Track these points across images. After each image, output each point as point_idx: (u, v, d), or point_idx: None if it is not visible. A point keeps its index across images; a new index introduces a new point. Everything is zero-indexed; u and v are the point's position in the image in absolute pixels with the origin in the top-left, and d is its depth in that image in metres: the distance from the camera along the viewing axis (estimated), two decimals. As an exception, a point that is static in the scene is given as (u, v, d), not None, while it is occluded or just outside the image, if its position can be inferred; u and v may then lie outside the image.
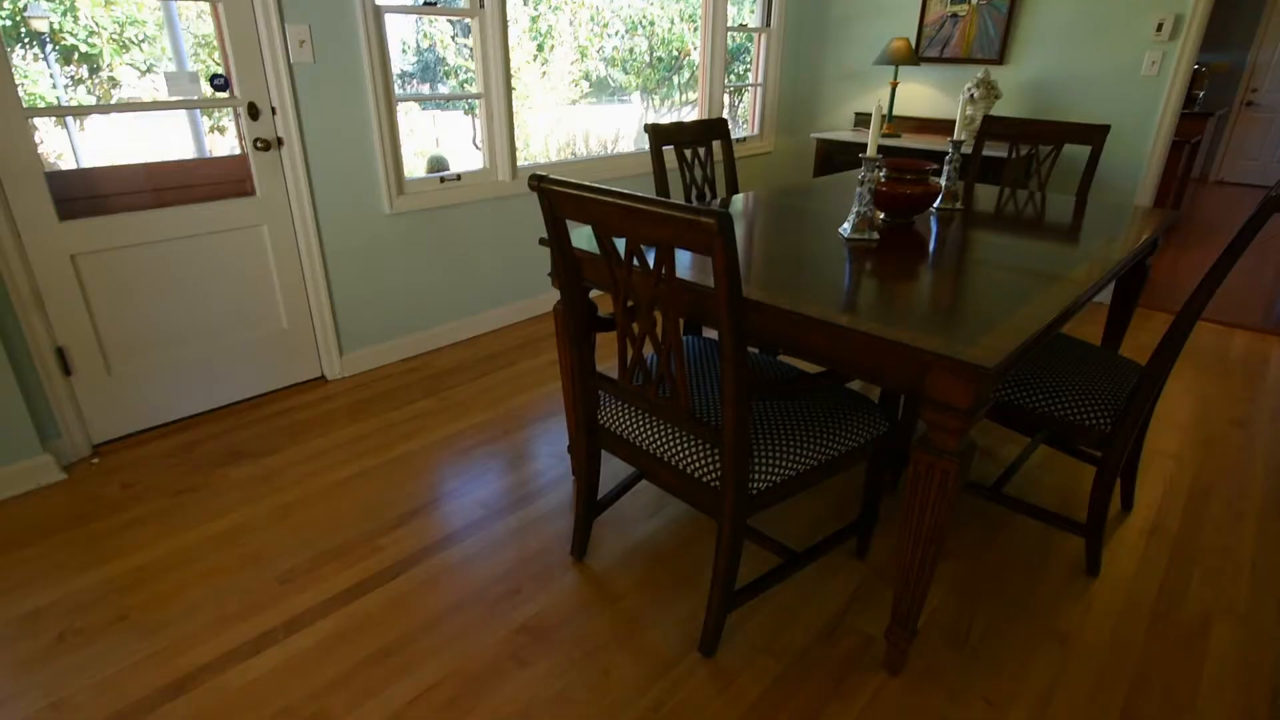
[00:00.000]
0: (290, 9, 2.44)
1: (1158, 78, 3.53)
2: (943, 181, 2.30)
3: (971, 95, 3.73)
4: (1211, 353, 3.36)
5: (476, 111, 3.20)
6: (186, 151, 3.41)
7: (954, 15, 4.04)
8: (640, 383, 1.48)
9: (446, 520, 2.06)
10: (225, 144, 4.19)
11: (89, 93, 5.04)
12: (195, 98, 2.65)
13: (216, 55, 2.58)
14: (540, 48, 8.10)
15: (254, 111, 2.49)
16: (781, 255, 1.78)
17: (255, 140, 2.51)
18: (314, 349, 2.87)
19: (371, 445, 2.44)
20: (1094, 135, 2.68)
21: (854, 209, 1.87)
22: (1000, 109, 3.99)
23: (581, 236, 1.78)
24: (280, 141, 2.56)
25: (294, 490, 2.19)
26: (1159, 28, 3.46)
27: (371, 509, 2.10)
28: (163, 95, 2.40)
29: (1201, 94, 6.63)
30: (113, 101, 3.83)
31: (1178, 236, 5.57)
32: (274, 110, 2.52)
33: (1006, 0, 3.84)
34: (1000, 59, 3.95)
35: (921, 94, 4.33)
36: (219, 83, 2.48)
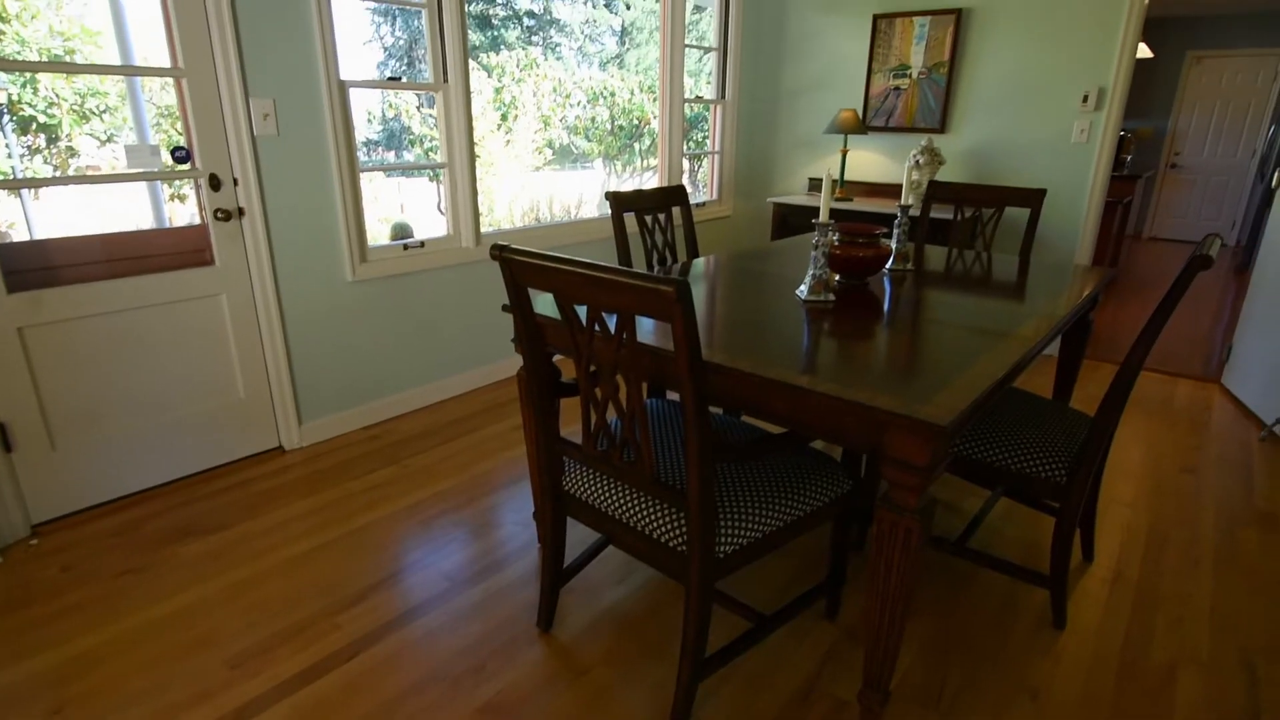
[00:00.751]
0: (255, 83, 2.49)
1: (1087, 144, 3.77)
2: (893, 244, 2.40)
3: (917, 162, 3.92)
4: (1157, 401, 3.48)
5: (441, 178, 3.26)
6: (145, 220, 3.39)
7: (896, 88, 4.28)
8: (604, 448, 1.48)
9: (408, 594, 1.99)
10: (185, 211, 4.17)
11: (46, 162, 5.00)
12: (156, 169, 2.65)
13: (179, 125, 2.59)
14: (504, 117, 8.31)
15: (215, 183, 2.49)
16: (741, 318, 1.82)
17: (216, 210, 2.51)
18: (271, 419, 2.81)
19: (330, 517, 2.37)
20: (1032, 199, 2.83)
21: (810, 272, 1.93)
22: (945, 174, 4.19)
23: (544, 303, 1.80)
24: (241, 211, 2.56)
25: (247, 567, 2.10)
26: (1085, 99, 3.71)
27: (329, 585, 2.03)
28: (123, 164, 2.39)
29: (1129, 158, 7.06)
30: (70, 172, 3.80)
31: (1118, 290, 5.84)
32: (236, 181, 2.53)
33: (944, 74, 4.09)
34: (942, 128, 4.18)
35: (871, 160, 4.54)
36: (180, 154, 2.48)
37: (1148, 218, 8.42)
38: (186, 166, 2.47)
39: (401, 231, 6.11)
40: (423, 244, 3.17)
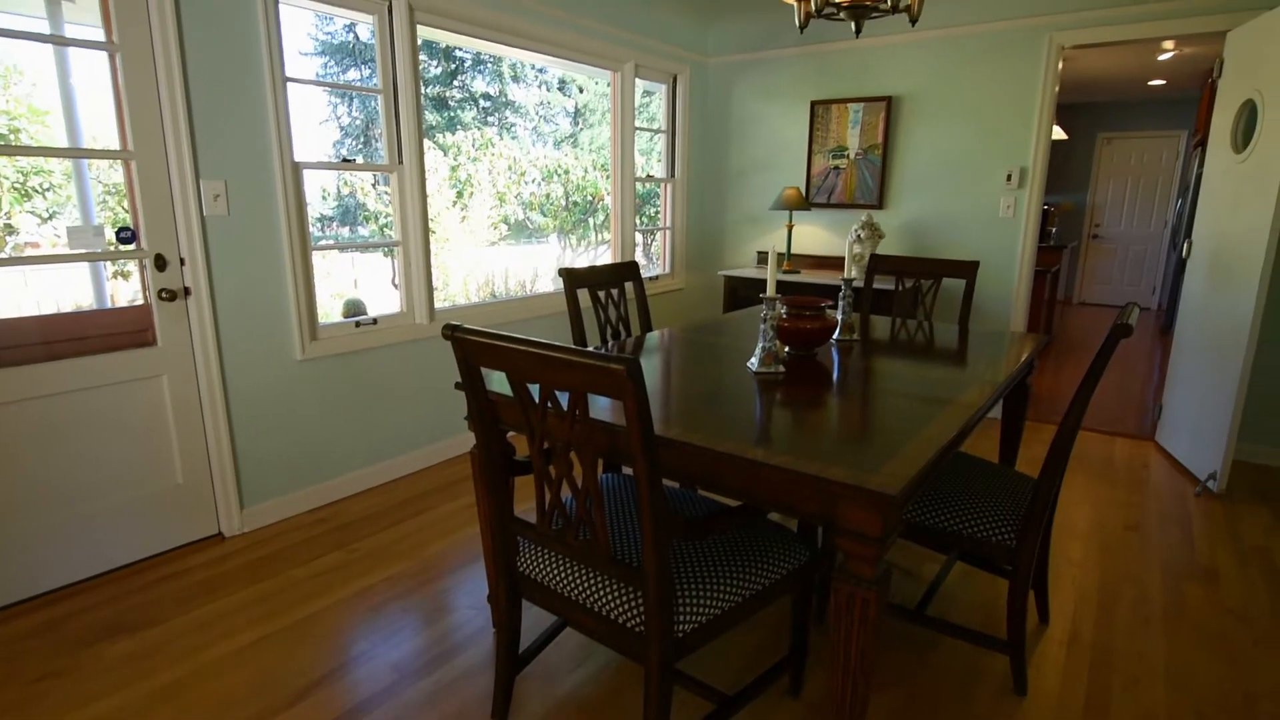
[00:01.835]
0: (207, 165, 2.49)
1: (1014, 219, 4.01)
2: (839, 315, 2.48)
3: (858, 236, 4.11)
4: (1098, 460, 3.61)
5: (395, 255, 3.27)
6: (86, 298, 3.29)
7: (836, 167, 4.53)
8: (559, 527, 1.46)
9: (354, 689, 1.88)
10: (129, 288, 4.08)
11: (-20, 242, 4.85)
12: (99, 250, 2.60)
13: (126, 203, 2.57)
14: (460, 194, 8.45)
15: (161, 263, 2.46)
16: (694, 391, 1.84)
17: (160, 290, 2.47)
18: (211, 504, 2.69)
19: (271, 608, 2.25)
20: (967, 270, 2.98)
21: (759, 344, 1.98)
22: (885, 247, 4.39)
23: (498, 379, 1.80)
24: (187, 291, 2.52)
25: (179, 667, 1.97)
26: (1009, 177, 3.98)
27: (267, 683, 1.91)
28: (64, 242, 2.35)
29: (1054, 229, 7.53)
30: (8, 249, 3.70)
31: (1055, 353, 6.11)
32: (183, 261, 2.50)
33: (879, 155, 4.35)
34: (880, 204, 4.40)
35: (815, 234, 4.74)
36: (125, 235, 2.45)
37: (1075, 284, 8.91)
38: (131, 247, 2.43)
39: (354, 308, 6.06)
40: (375, 321, 3.15)
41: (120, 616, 2.20)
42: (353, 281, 7.90)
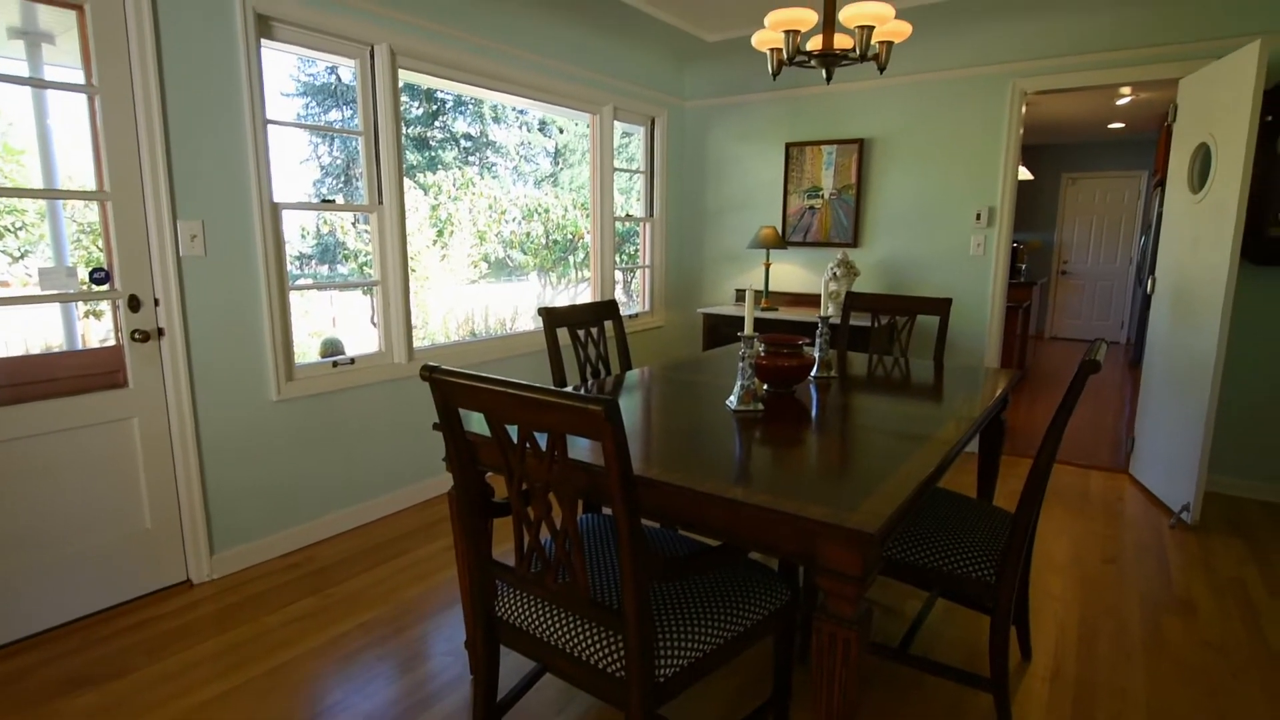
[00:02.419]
0: (184, 206, 2.49)
1: (984, 256, 4.11)
2: (816, 353, 2.51)
3: (834, 274, 4.18)
4: (1074, 493, 3.64)
5: (374, 293, 3.27)
6: (56, 337, 3.24)
7: (811, 207, 4.62)
8: (538, 570, 1.44)
9: (325, 742, 1.82)
10: (101, 327, 4.02)
11: (-52, 282, 4.77)
12: (72, 291, 2.57)
13: (100, 242, 2.55)
14: (440, 233, 8.49)
15: (134, 304, 2.43)
16: (674, 430, 1.84)
17: (134, 332, 2.43)
18: (180, 550, 2.62)
19: (241, 658, 2.18)
20: (940, 307, 3.03)
21: (738, 382, 1.99)
22: (860, 285, 4.47)
23: (477, 420, 1.79)
24: (161, 332, 2.49)
25: (141, 723, 1.89)
26: (978, 216, 4.09)
27: (236, 737, 1.84)
28: (35, 281, 2.32)
29: (1024, 266, 7.72)
30: (-25, 293, 3.63)
31: (1029, 387, 6.21)
32: (157, 302, 2.47)
33: (853, 195, 4.45)
34: (855, 242, 4.49)
35: (793, 272, 4.81)
36: (99, 276, 2.42)
37: (1047, 319, 9.10)
38: (105, 288, 2.41)
39: (332, 348, 6.01)
40: (353, 360, 3.12)
41: (83, 669, 2.12)
42: (331, 320, 7.85)
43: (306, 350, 6.36)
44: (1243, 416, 3.55)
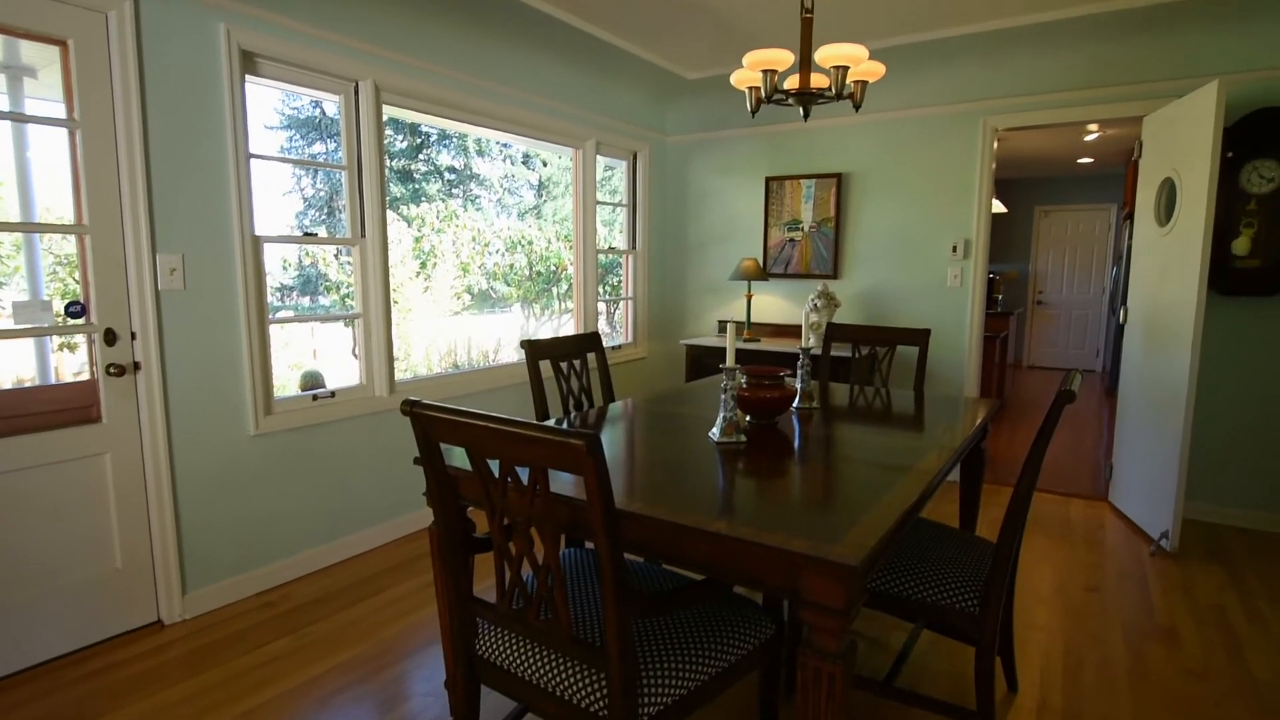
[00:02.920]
0: (164, 239, 2.48)
1: (961, 288, 4.19)
2: (798, 384, 2.53)
3: (815, 305, 4.23)
4: (1055, 521, 3.67)
5: (356, 325, 3.25)
6: (28, 371, 3.18)
7: (791, 240, 4.69)
8: (519, 606, 1.42)
9: (299, 790, 1.76)
10: (75, 361, 3.95)
11: (-82, 315, 4.68)
12: (46, 325, 2.53)
13: (78, 274, 2.52)
14: (424, 265, 8.49)
15: (110, 337, 2.40)
16: (657, 462, 1.84)
17: (109, 366, 2.40)
18: (151, 590, 2.55)
19: (212, 701, 2.11)
20: (919, 337, 3.07)
21: (720, 414, 2.00)
22: (841, 316, 4.52)
23: (458, 454, 1.77)
24: (137, 366, 2.46)
25: (106, 772, 1.82)
26: (954, 249, 4.17)
27: (205, 786, 1.77)
28: (8, 314, 2.28)
29: (1001, 296, 7.86)
30: (-55, 327, 3.56)
31: (1009, 416, 6.27)
32: (134, 335, 2.44)
33: (832, 228, 4.53)
34: (835, 274, 4.56)
35: (774, 303, 4.86)
36: (75, 309, 2.39)
37: (1024, 348, 9.24)
38: (80, 321, 2.38)
39: (312, 381, 5.95)
40: (333, 394, 3.09)
41: (50, 713, 2.04)
42: (312, 351, 7.78)
43: (286, 383, 6.29)
44: (1216, 444, 3.61)
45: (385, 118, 3.21)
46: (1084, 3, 3.27)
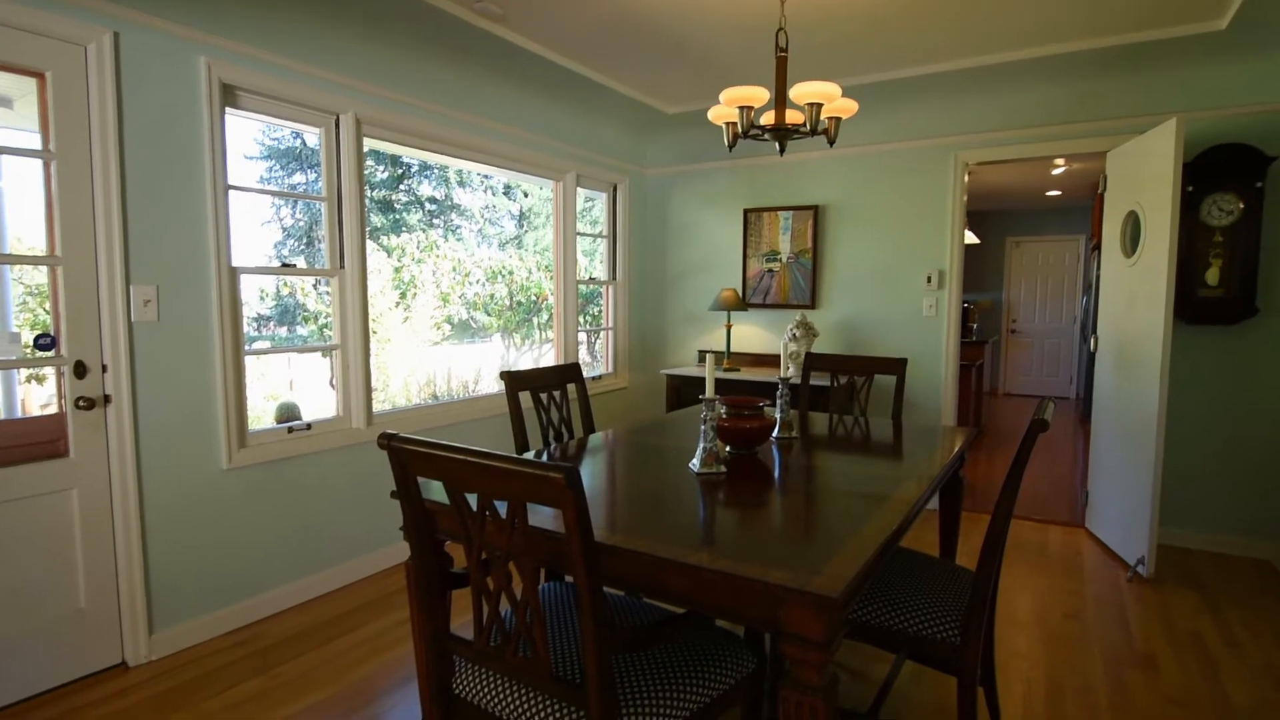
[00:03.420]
0: (139, 270, 2.45)
1: (936, 317, 4.25)
2: (777, 414, 2.54)
3: (794, 335, 4.27)
4: (1034, 548, 3.69)
5: (334, 357, 3.22)
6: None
7: (770, 270, 4.76)
8: (497, 643, 1.39)
9: (267, 840, 1.70)
10: (43, 393, 3.87)
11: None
12: (13, 358, 2.48)
13: (48, 304, 2.48)
14: (403, 295, 8.45)
15: (80, 370, 2.35)
16: (637, 494, 1.83)
17: (78, 399, 2.35)
18: (116, 630, 2.47)
19: (178, 748, 2.04)
20: (896, 367, 3.11)
21: (700, 445, 2.00)
22: (820, 345, 4.57)
23: (435, 488, 1.76)
24: (108, 399, 2.41)
25: (63, 825, 1.74)
26: (929, 279, 4.24)
27: (168, 838, 1.70)
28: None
29: (976, 325, 7.99)
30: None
31: (987, 443, 6.33)
32: (105, 368, 2.40)
33: (809, 259, 4.59)
34: (813, 304, 4.62)
35: (754, 333, 4.90)
36: (44, 342, 2.35)
37: (1000, 376, 9.38)
38: (50, 354, 2.33)
39: (288, 413, 5.87)
40: (309, 426, 3.05)
41: (-2, 767, 1.96)
42: (288, 382, 7.68)
43: (261, 415, 6.19)
44: (1187, 470, 3.67)
45: (366, 149, 3.22)
46: (1047, 43, 3.39)
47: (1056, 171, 6.37)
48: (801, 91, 2.26)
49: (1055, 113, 3.86)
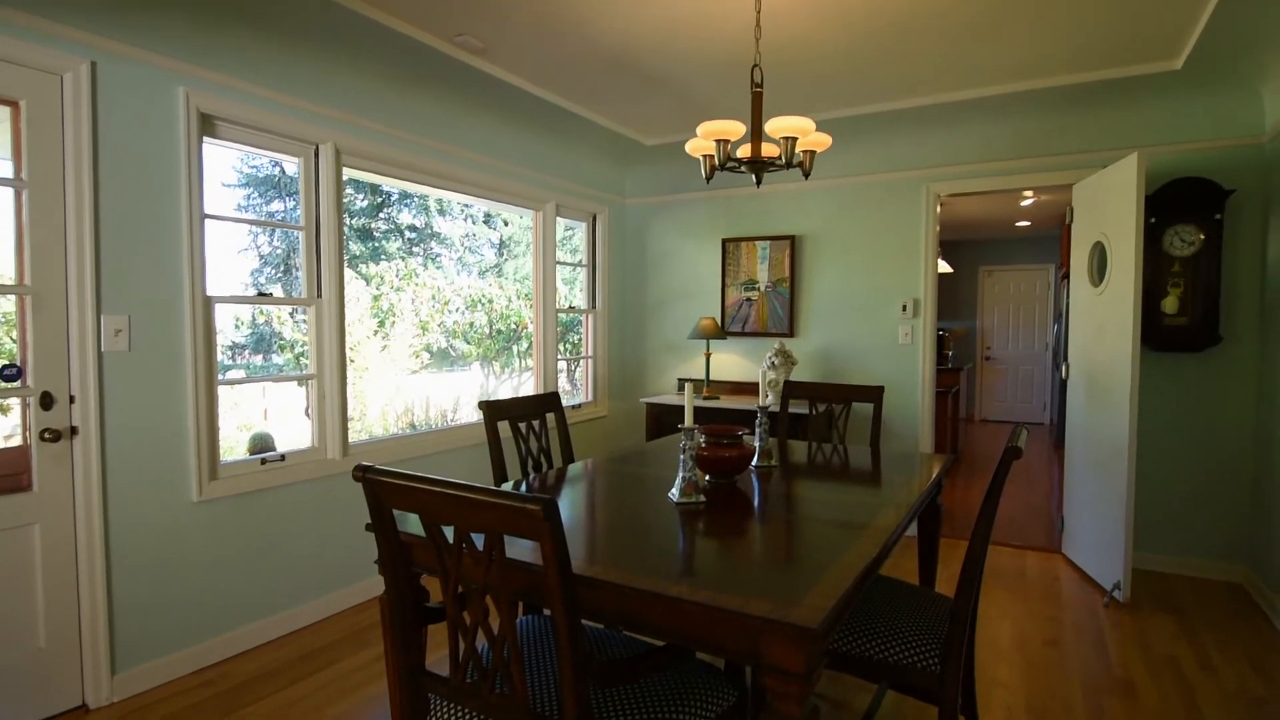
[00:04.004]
0: (111, 300, 2.41)
1: (912, 345, 4.31)
2: (756, 442, 2.55)
3: (772, 363, 4.30)
4: (1012, 574, 3.71)
5: (310, 386, 3.18)
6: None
7: (748, 299, 4.80)
8: (474, 679, 1.37)
9: None
10: (7, 424, 3.76)
11: None
12: (-24, 388, 2.42)
13: (15, 334, 2.43)
14: (382, 323, 8.39)
15: (47, 401, 2.30)
16: (616, 524, 1.82)
17: (44, 431, 2.29)
18: (77, 670, 2.38)
19: (139, 795, 1.96)
20: (873, 394, 3.14)
21: (680, 474, 2.00)
22: (798, 373, 4.60)
23: (411, 520, 1.73)
24: (74, 431, 2.36)
25: None
26: (904, 308, 4.31)
27: None
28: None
29: (951, 353, 8.11)
30: None
31: (965, 469, 6.39)
32: (72, 399, 2.35)
33: (787, 288, 4.65)
34: (791, 333, 4.66)
35: (733, 361, 4.93)
36: (10, 373, 2.30)
37: (976, 403, 9.50)
38: (16, 384, 2.28)
39: (261, 443, 5.77)
40: (283, 457, 3.00)
41: (-54, 819, 1.87)
42: (263, 412, 7.55)
43: (234, 445, 6.07)
44: (1160, 495, 3.72)
45: (345, 178, 3.22)
46: (1013, 81, 3.51)
47: (1025, 203, 6.54)
48: (777, 126, 2.31)
49: (1023, 147, 3.97)
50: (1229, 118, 3.51)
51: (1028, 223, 7.81)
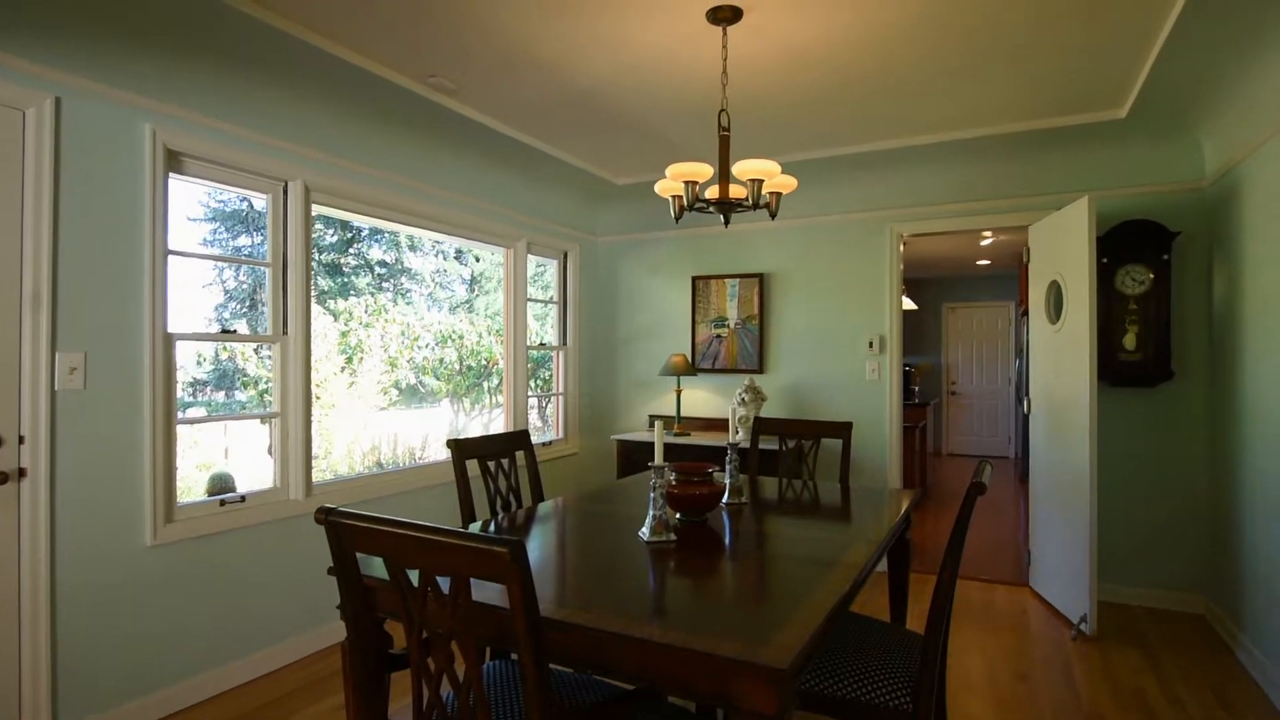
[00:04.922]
0: (66, 336, 2.35)
1: (879, 381, 4.38)
2: (726, 479, 2.55)
3: (742, 400, 4.33)
4: (981, 608, 3.73)
5: (273, 425, 3.11)
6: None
7: (718, 336, 4.85)
8: (439, 729, 1.32)
9: None
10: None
11: None
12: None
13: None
14: (350, 360, 8.28)
15: (-5, 443, 2.22)
16: (586, 565, 1.80)
17: (-11, 474, 2.20)
18: (16, 728, 2.25)
19: None
20: (842, 430, 3.17)
21: (650, 513, 1.99)
22: (768, 409, 4.64)
23: (376, 563, 1.69)
24: (22, 473, 2.27)
25: None
26: (871, 344, 4.39)
27: None
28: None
29: (917, 388, 8.25)
30: None
31: (933, 504, 6.45)
32: (22, 439, 2.27)
33: (756, 325, 4.71)
34: (760, 369, 4.71)
35: (703, 398, 4.95)
36: (-44, 413, 2.22)
37: (942, 437, 9.64)
38: (-39, 426, 2.20)
39: (221, 484, 5.61)
40: (243, 498, 2.92)
41: None
42: (224, 451, 7.34)
43: (192, 486, 5.88)
44: (1122, 528, 3.80)
45: (315, 215, 3.21)
46: (970, 126, 3.65)
47: (985, 243, 6.76)
48: (744, 168, 2.37)
49: (980, 189, 4.12)
50: (1172, 164, 3.69)
51: (988, 261, 8.05)
